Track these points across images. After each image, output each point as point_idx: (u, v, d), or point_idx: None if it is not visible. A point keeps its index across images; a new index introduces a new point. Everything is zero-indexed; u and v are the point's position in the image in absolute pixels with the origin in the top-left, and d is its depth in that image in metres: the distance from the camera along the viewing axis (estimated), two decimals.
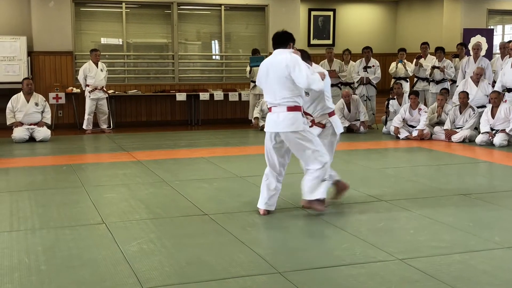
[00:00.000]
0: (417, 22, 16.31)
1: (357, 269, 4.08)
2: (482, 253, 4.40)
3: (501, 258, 4.31)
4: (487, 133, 9.84)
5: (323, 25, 16.62)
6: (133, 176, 7.33)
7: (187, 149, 9.63)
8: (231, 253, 4.43)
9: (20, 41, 11.76)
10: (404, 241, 4.79)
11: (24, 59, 11.77)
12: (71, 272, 4.02)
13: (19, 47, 11.74)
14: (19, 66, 11.74)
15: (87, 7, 12.60)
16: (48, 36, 12.15)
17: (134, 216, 5.46)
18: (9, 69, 11.70)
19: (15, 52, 11.72)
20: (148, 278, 3.87)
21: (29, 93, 10.57)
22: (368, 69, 12.11)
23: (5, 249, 4.52)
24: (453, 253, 4.40)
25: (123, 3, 12.65)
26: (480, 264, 4.16)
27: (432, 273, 3.96)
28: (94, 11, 12.73)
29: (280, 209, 5.68)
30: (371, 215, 5.55)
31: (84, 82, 11.55)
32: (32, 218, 5.40)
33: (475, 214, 5.56)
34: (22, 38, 11.79)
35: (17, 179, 7.27)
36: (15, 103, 10.51)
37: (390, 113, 11.36)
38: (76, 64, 12.36)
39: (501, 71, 10.23)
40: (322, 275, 3.94)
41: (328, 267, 4.10)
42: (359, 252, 4.45)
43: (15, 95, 10.60)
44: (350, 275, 3.97)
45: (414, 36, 15.56)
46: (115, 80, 12.59)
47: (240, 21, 13.57)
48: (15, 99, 10.54)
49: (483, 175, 8.01)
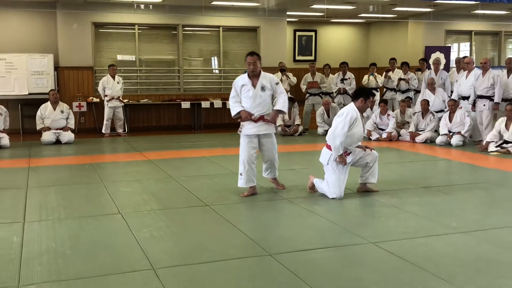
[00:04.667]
0: (386, 41, 16.38)
1: (336, 251, 4.09)
2: (442, 237, 4.42)
3: (458, 241, 4.32)
4: (446, 135, 9.88)
5: (306, 43, 16.67)
6: (145, 173, 7.32)
7: (191, 149, 9.63)
8: (228, 238, 4.43)
9: (48, 58, 11.73)
10: (376, 227, 4.80)
11: (51, 73, 11.74)
12: (93, 256, 4.01)
13: (47, 63, 11.71)
14: (47, 79, 11.71)
15: (105, 28, 12.57)
16: (72, 53, 12.13)
17: (145, 207, 5.45)
18: (39, 82, 11.68)
19: (43, 67, 11.69)
20: (158, 260, 3.86)
21: (55, 102, 10.55)
22: (344, 81, 12.14)
23: (36, 236, 4.50)
24: (418, 237, 4.42)
25: (136, 25, 12.63)
26: (440, 246, 4.17)
27: (400, 254, 3.96)
28: (111, 32, 12.69)
29: (270, 201, 5.69)
30: (348, 205, 5.55)
31: (103, 92, 11.53)
32: (59, 210, 5.38)
33: (435, 204, 5.57)
34: (49, 55, 11.75)
35: (45, 176, 7.25)
36: (44, 111, 10.49)
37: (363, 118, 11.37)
38: (95, 77, 12.33)
39: (457, 83, 10.26)
40: (305, 257, 3.94)
41: (311, 249, 4.10)
42: (337, 236, 4.46)
43: (44, 104, 10.58)
44: (329, 256, 3.98)
45: (383, 53, 15.61)
46: (129, 91, 12.57)
47: (236, 40, 13.57)
48: (43, 108, 10.52)
49: (442, 170, 8.03)
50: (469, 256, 3.97)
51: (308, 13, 14.55)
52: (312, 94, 12.25)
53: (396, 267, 3.74)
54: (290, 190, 6.14)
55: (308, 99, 12.30)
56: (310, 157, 8.80)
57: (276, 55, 13.40)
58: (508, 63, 9.84)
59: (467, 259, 3.89)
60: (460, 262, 3.83)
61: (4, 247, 4.20)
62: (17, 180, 6.85)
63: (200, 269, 3.71)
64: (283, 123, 11.45)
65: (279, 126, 11.37)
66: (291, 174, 7.10)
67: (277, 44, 13.61)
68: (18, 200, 5.77)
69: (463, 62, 10.44)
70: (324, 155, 5.81)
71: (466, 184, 6.58)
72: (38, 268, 3.76)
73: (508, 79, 9.70)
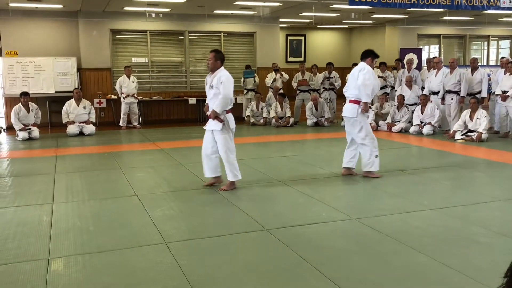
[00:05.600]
0: (366, 43, 16.29)
1: (323, 226, 4.10)
2: (415, 213, 4.44)
3: (429, 217, 4.34)
4: (418, 125, 9.88)
5: (296, 46, 16.59)
6: (157, 160, 7.32)
7: (197, 139, 9.56)
8: (230, 216, 4.44)
9: (72, 60, 11.66)
10: (357, 206, 4.81)
11: (74, 74, 11.68)
12: (112, 232, 4.01)
13: (70, 65, 11.65)
14: (71, 79, 11.65)
15: (121, 34, 12.48)
16: (92, 56, 12.06)
17: (158, 189, 5.45)
18: (64, 81, 11.61)
19: (68, 69, 11.62)
20: (169, 235, 3.87)
21: (78, 99, 10.50)
22: (330, 79, 12.10)
23: (63, 215, 4.51)
24: (394, 213, 4.43)
25: (148, 32, 12.55)
26: (414, 222, 4.19)
27: (379, 228, 3.98)
28: (126, 37, 12.61)
29: (266, 183, 5.70)
30: (333, 186, 5.57)
31: (120, 90, 11.48)
32: (82, 192, 5.38)
33: (409, 185, 5.59)
34: (73, 58, 11.68)
35: (71, 163, 7.24)
36: (68, 107, 10.45)
37: None
38: (113, 77, 12.27)
39: (428, 80, 10.25)
40: (297, 231, 3.96)
41: (301, 225, 4.11)
42: (324, 214, 4.47)
43: (68, 101, 10.53)
44: (318, 231, 3.99)
45: None
46: (142, 89, 12.50)
47: (235, 44, 13.50)
48: (68, 104, 10.48)
49: (415, 156, 8.04)
50: (438, 229, 3.99)
51: (298, 20, 14.49)
52: (302, 91, 12.22)
53: (375, 239, 3.76)
54: (283, 174, 6.14)
55: (298, 95, 12.26)
56: (300, 145, 8.81)
57: (271, 56, 13.38)
58: (472, 63, 9.83)
59: (436, 232, 3.91)
60: (430, 234, 3.85)
61: (36, 225, 4.21)
62: (46, 167, 6.85)
63: (206, 242, 3.72)
64: (276, 115, 11.43)
65: (273, 117, 11.36)
66: (284, 160, 7.11)
67: (271, 47, 13.56)
68: (48, 184, 5.77)
69: (433, 62, 10.42)
70: (351, 110, 5.85)
71: (436, 168, 6.59)
72: (65, 242, 3.77)
73: (472, 76, 9.69)
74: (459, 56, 16.36)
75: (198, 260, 3.36)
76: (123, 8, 11.44)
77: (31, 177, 6.18)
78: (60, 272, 3.20)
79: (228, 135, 5.30)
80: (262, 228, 4.03)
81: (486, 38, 16.78)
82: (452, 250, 3.51)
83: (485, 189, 5.43)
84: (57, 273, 3.19)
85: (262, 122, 11.70)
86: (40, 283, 3.02)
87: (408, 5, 9.54)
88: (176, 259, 3.37)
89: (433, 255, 3.39)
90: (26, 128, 9.81)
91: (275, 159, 6.29)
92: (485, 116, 8.84)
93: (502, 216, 4.41)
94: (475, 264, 3.26)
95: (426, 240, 3.71)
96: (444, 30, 15.69)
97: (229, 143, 5.30)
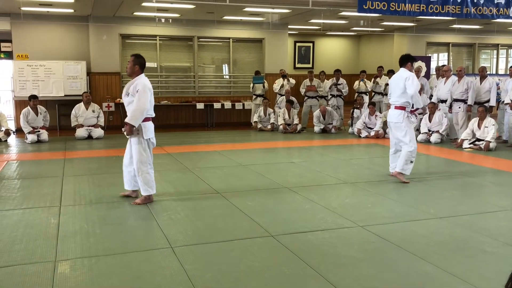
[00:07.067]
0: (374, 51, 16.31)
1: (329, 233, 4.10)
2: (421, 222, 4.42)
3: (435, 225, 4.32)
4: (426, 133, 9.84)
5: (305, 53, 16.62)
6: (164, 164, 7.34)
7: (204, 144, 9.64)
8: (236, 221, 4.44)
9: (81, 64, 11.75)
10: (364, 213, 4.79)
11: (84, 78, 11.77)
12: (119, 235, 4.03)
13: (80, 69, 11.74)
14: (80, 83, 11.74)
15: (130, 39, 12.57)
16: (102, 61, 12.15)
17: (165, 194, 5.47)
18: (73, 85, 11.71)
19: (77, 72, 11.72)
20: (175, 240, 3.88)
21: (87, 102, 10.57)
22: (338, 85, 12.10)
23: (70, 218, 4.54)
24: (400, 221, 4.42)
25: (157, 37, 12.64)
26: (419, 230, 4.17)
27: (384, 236, 3.97)
28: (136, 42, 12.69)
29: (272, 189, 5.70)
30: (340, 193, 5.55)
31: None
32: (90, 195, 5.41)
33: (416, 193, 5.57)
34: (82, 62, 11.78)
35: (79, 166, 7.28)
36: (77, 110, 10.52)
37: (354, 118, 11.37)
38: (122, 81, 12.35)
39: (436, 88, 10.23)
40: (303, 238, 3.95)
41: (307, 231, 4.11)
42: (330, 220, 4.46)
43: (77, 105, 10.61)
44: (324, 237, 3.98)
45: (372, 61, 15.56)
46: None
47: (244, 50, 13.55)
48: (77, 107, 10.55)
49: (422, 164, 8.00)
50: (444, 238, 3.97)
51: (307, 26, 14.51)
52: (310, 97, 12.23)
53: (381, 247, 3.75)
54: (290, 180, 6.14)
55: (306, 101, 12.27)
56: (307, 151, 8.81)
57: (279, 63, 13.41)
58: (481, 71, 9.79)
59: (442, 241, 3.89)
60: (436, 243, 3.83)
61: (43, 227, 4.23)
62: (54, 170, 6.90)
63: (212, 247, 3.73)
64: (284, 123, 11.44)
65: (281, 125, 11.38)
66: (291, 166, 7.11)
67: (279, 53, 13.59)
68: (55, 187, 5.81)
69: (442, 70, 10.39)
70: (397, 115, 6.08)
71: (443, 176, 6.57)
72: (72, 245, 3.79)
73: (480, 85, 9.66)
74: (468, 65, 16.30)
75: (203, 265, 3.36)
76: (133, 13, 11.53)
77: (39, 180, 6.22)
78: (66, 275, 3.22)
79: (141, 145, 4.95)
80: (267, 234, 4.02)
81: (495, 47, 16.71)
82: (458, 259, 3.49)
83: (492, 199, 5.39)
84: (63, 275, 3.21)
85: (269, 128, 11.71)
86: (46, 285, 3.04)
87: (417, 13, 9.53)
88: (182, 263, 3.38)
89: (439, 264, 3.37)
90: (35, 131, 9.90)
91: (282, 165, 6.29)
92: (493, 125, 8.79)
93: (509, 225, 4.38)
94: (481, 273, 3.24)
95: (432, 249, 3.69)
96: (453, 39, 15.65)
97: (142, 155, 4.95)
